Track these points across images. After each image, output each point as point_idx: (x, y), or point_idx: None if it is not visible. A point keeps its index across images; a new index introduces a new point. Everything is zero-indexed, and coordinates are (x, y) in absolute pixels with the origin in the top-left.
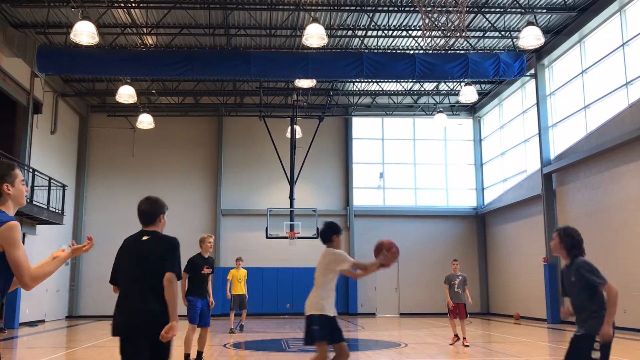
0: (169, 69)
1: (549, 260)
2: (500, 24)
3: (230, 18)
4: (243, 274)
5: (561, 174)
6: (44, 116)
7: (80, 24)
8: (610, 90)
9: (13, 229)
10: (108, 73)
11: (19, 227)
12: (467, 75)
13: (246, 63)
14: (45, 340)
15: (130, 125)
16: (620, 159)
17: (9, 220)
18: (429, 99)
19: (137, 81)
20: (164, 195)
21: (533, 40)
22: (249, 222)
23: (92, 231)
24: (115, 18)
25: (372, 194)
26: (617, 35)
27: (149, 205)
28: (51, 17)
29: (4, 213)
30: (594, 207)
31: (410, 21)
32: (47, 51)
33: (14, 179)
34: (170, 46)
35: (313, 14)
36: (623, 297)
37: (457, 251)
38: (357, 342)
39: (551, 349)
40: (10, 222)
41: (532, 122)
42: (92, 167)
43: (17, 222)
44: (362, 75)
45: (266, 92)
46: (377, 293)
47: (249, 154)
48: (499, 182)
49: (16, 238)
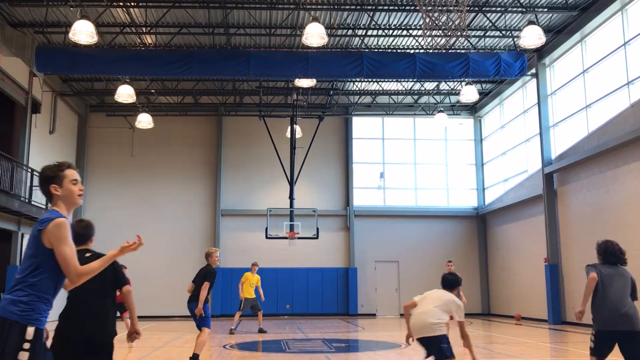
0: (168, 68)
1: (550, 260)
2: (501, 23)
3: (230, 17)
4: (256, 279)
5: (562, 174)
6: (42, 116)
7: (79, 23)
8: (612, 90)
9: (60, 225)
10: (107, 72)
11: (66, 224)
12: (467, 75)
13: (246, 62)
14: None
15: (129, 125)
16: (622, 158)
17: (56, 217)
18: (430, 99)
19: (136, 81)
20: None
21: (534, 40)
22: (249, 222)
23: None
24: (114, 17)
25: (372, 194)
26: (619, 34)
27: (83, 227)
28: (50, 16)
29: (54, 211)
30: (596, 208)
31: (411, 20)
32: (45, 50)
33: (62, 179)
34: (170, 45)
35: (313, 13)
36: None
37: (458, 251)
38: (357, 343)
39: (552, 350)
40: (57, 220)
41: (533, 122)
42: (91, 167)
43: (64, 219)
44: (363, 75)
45: (266, 91)
46: (377, 294)
47: (248, 153)
48: (499, 182)
49: (63, 235)
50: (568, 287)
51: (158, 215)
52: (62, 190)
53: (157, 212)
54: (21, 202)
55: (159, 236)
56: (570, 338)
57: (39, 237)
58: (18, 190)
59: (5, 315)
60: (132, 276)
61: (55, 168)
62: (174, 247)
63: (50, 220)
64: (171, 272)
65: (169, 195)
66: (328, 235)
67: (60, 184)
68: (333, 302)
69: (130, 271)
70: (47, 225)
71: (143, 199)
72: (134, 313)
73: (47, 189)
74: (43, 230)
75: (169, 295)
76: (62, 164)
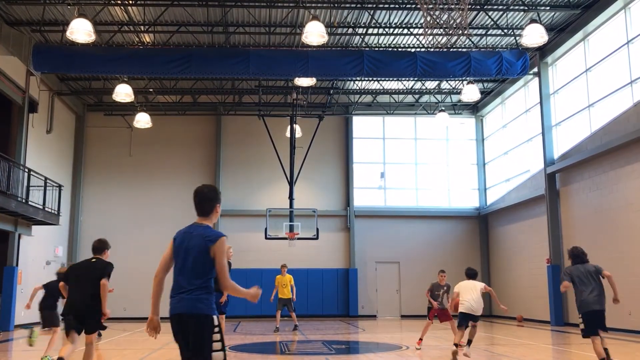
0: (167, 67)
1: (553, 261)
2: (503, 22)
3: (229, 15)
4: (288, 279)
5: (565, 174)
6: (39, 115)
7: (76, 21)
8: (615, 89)
9: (224, 242)
10: (105, 71)
11: (226, 241)
12: (469, 74)
13: (245, 61)
14: (40, 342)
15: (127, 124)
16: (625, 158)
17: (222, 235)
18: (431, 98)
19: (134, 80)
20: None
21: (536, 38)
22: (248, 222)
23: (88, 232)
24: (112, 15)
25: (372, 194)
26: (622, 32)
27: (98, 242)
28: (47, 14)
29: (210, 228)
30: (599, 208)
31: (412, 19)
32: (42, 49)
33: (220, 201)
34: (168, 44)
35: (313, 12)
36: (628, 299)
37: (459, 252)
38: (358, 345)
39: (555, 352)
40: (223, 237)
41: (536, 121)
42: (89, 167)
43: (225, 237)
44: (363, 74)
45: (265, 90)
46: (378, 295)
47: (247, 153)
48: (501, 182)
49: (223, 249)
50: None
51: (156, 216)
52: (218, 211)
53: (155, 212)
54: (18, 202)
55: (156, 237)
56: (573, 340)
57: (207, 249)
58: (15, 190)
59: (197, 312)
60: (129, 277)
61: (218, 191)
62: None
63: (218, 237)
64: (169, 273)
65: (167, 196)
66: (328, 235)
67: (219, 205)
68: (333, 304)
69: (127, 272)
70: (216, 241)
71: (141, 200)
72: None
73: (213, 206)
74: (212, 244)
75: (167, 296)
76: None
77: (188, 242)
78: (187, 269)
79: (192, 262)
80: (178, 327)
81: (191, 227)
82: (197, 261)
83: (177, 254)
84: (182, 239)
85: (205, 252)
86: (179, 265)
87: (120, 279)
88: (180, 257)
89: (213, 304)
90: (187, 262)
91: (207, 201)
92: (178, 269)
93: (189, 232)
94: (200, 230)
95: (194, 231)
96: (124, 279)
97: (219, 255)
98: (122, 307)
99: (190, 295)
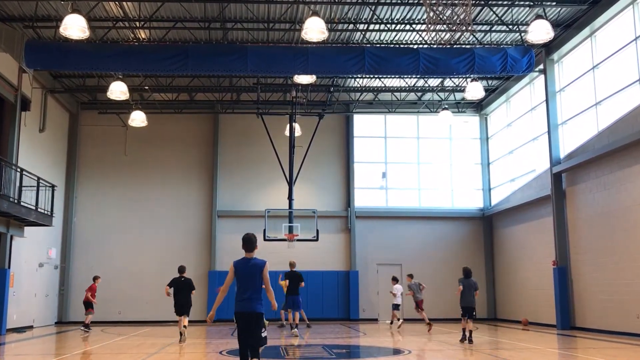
0: (163, 64)
1: (559, 263)
2: (508, 18)
3: (227, 11)
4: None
5: (571, 174)
6: (32, 113)
7: (70, 17)
8: (623, 86)
9: (268, 267)
10: (99, 68)
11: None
12: (473, 71)
13: (243, 58)
14: (33, 347)
15: (122, 123)
16: (633, 157)
17: (266, 262)
18: (434, 96)
19: (130, 77)
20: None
21: (542, 35)
22: (246, 223)
23: (83, 233)
24: (107, 11)
25: (374, 195)
26: (630, 28)
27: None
28: (40, 10)
29: (259, 259)
30: (606, 208)
31: (414, 14)
32: (35, 46)
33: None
34: (164, 40)
35: (313, 7)
36: (634, 302)
37: (463, 254)
38: (359, 349)
39: (561, 357)
40: (267, 263)
41: (541, 120)
42: (83, 166)
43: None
44: (364, 71)
45: (264, 88)
46: (379, 298)
47: (246, 152)
48: (506, 182)
49: (267, 271)
50: (577, 290)
51: (152, 217)
52: (257, 248)
53: (151, 213)
54: (10, 203)
55: (152, 238)
56: (580, 344)
57: (261, 270)
58: (7, 190)
59: (257, 310)
60: (125, 280)
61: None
62: (168, 250)
63: (265, 263)
64: (165, 275)
65: (163, 196)
66: (328, 237)
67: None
68: (333, 307)
69: (123, 274)
70: (265, 264)
71: (136, 200)
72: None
73: (256, 246)
74: (264, 267)
75: (162, 299)
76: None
77: (249, 268)
78: (250, 284)
79: (253, 280)
80: (243, 319)
81: (245, 259)
82: (254, 277)
83: (240, 275)
84: (243, 266)
85: (261, 271)
86: (243, 282)
87: (115, 281)
88: (243, 277)
89: (263, 306)
90: (249, 280)
91: (253, 243)
92: (244, 284)
93: (247, 261)
94: (255, 260)
95: (250, 262)
96: (119, 280)
97: (266, 274)
98: (117, 310)
99: (253, 299)
